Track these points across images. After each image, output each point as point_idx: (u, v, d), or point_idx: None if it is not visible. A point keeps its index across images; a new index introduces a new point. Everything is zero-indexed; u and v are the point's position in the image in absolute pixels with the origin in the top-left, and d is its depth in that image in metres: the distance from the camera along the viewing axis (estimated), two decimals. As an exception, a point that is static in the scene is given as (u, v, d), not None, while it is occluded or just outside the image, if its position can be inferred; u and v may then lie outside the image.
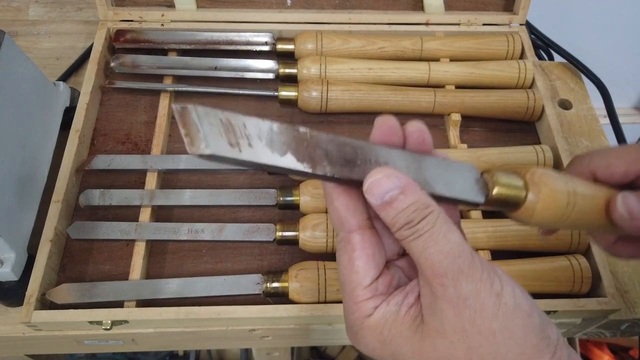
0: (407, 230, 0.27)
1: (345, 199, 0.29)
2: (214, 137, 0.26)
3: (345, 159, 0.30)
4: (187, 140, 0.26)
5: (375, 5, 0.67)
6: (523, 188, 0.32)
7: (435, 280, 0.26)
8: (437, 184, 0.31)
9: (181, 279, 0.49)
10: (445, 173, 0.32)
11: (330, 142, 0.29)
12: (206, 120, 0.26)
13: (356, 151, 0.30)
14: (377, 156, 0.30)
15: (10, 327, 0.50)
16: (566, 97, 0.68)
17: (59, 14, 0.73)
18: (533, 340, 0.26)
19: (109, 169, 0.55)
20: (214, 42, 0.64)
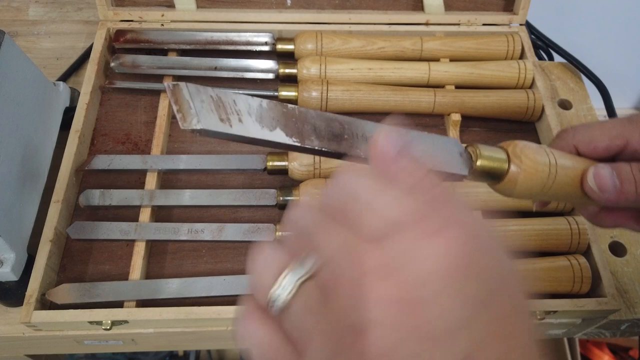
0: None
1: None
2: (206, 113, 0.27)
3: (333, 134, 0.30)
4: (180, 117, 0.27)
5: (375, 5, 0.67)
6: (506, 160, 0.33)
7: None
8: (423, 157, 0.31)
9: (181, 279, 0.49)
10: (430, 147, 0.33)
11: (319, 118, 0.30)
12: (197, 97, 0.27)
13: (343, 126, 0.30)
14: (364, 130, 0.31)
15: (10, 327, 0.50)
16: (566, 97, 0.68)
17: (59, 14, 0.73)
18: None
19: (109, 169, 0.55)
20: (214, 42, 0.64)
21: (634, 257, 0.56)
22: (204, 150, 0.59)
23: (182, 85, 0.27)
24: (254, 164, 0.55)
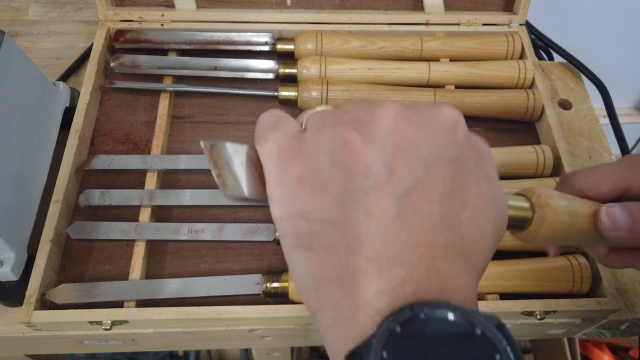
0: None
1: None
2: (247, 177, 0.25)
3: None
4: (220, 182, 0.25)
5: (375, 5, 0.67)
6: (529, 209, 0.33)
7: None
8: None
9: (181, 279, 0.49)
10: None
11: None
12: (237, 158, 0.25)
13: None
14: None
15: (10, 327, 0.50)
16: (566, 97, 0.68)
17: (59, 14, 0.73)
18: None
19: (109, 169, 0.55)
20: (214, 42, 0.64)
21: (634, 257, 0.56)
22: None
23: (219, 145, 0.25)
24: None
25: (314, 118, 0.26)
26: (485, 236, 0.26)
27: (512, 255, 0.52)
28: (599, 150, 0.64)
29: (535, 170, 0.56)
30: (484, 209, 0.25)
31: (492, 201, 0.26)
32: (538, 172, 0.57)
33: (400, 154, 0.24)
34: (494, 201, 0.26)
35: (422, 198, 0.24)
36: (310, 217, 0.24)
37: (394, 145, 0.24)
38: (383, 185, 0.23)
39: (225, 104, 0.63)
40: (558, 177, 0.55)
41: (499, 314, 0.30)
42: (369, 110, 0.25)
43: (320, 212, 0.24)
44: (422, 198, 0.24)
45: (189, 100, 0.63)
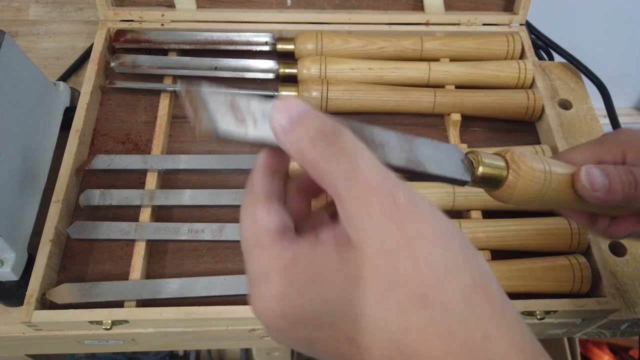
0: (325, 144, 0.24)
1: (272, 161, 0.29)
2: (221, 115, 0.26)
3: None
4: (195, 120, 0.26)
5: (375, 5, 0.67)
6: (505, 167, 0.34)
7: (371, 199, 0.23)
8: (429, 163, 0.32)
9: (181, 279, 0.49)
10: (435, 153, 0.33)
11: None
12: (213, 100, 0.27)
13: (353, 131, 0.29)
14: (372, 135, 0.31)
15: (10, 327, 0.50)
16: (566, 97, 0.68)
17: (59, 14, 0.73)
18: (468, 243, 0.26)
19: (109, 169, 0.55)
20: (214, 42, 0.64)
21: (634, 256, 0.56)
22: (204, 150, 0.59)
23: (196, 89, 0.27)
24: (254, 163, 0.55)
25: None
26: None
27: (512, 255, 0.52)
28: (599, 150, 0.64)
29: (535, 170, 0.56)
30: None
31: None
32: (538, 172, 0.57)
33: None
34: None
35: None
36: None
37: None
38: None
39: (226, 104, 0.63)
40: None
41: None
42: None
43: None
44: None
45: (189, 100, 0.63)
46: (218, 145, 0.60)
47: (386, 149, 0.30)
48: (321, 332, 0.25)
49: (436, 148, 0.33)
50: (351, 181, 0.24)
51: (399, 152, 0.31)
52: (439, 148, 0.33)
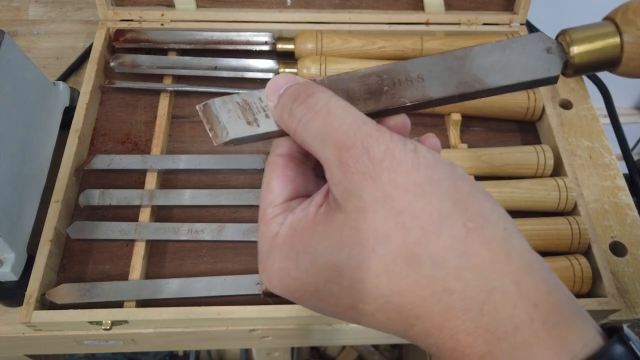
0: (299, 108, 0.24)
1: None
2: (233, 122, 0.27)
3: (370, 91, 0.27)
4: (212, 134, 0.27)
5: (375, 5, 0.67)
6: (615, 33, 0.25)
7: (344, 155, 0.22)
8: (491, 75, 0.27)
9: (181, 279, 0.49)
10: (501, 57, 0.27)
11: (352, 79, 0.27)
12: (224, 109, 0.27)
13: (382, 77, 0.27)
14: (407, 72, 0.27)
15: (10, 327, 0.50)
16: (566, 97, 0.68)
17: (59, 14, 0.73)
18: (465, 187, 0.23)
19: (109, 169, 0.55)
20: (214, 42, 0.64)
21: (634, 257, 0.56)
22: (204, 150, 0.59)
23: (210, 102, 0.27)
24: (254, 164, 0.55)
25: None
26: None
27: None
28: (600, 150, 0.64)
29: (535, 170, 0.56)
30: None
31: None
32: (538, 172, 0.56)
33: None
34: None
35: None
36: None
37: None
38: None
39: (225, 103, 0.63)
40: (558, 177, 0.55)
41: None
42: None
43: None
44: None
45: (188, 100, 0.63)
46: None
47: (427, 80, 0.27)
48: (325, 302, 0.24)
49: (504, 49, 0.27)
50: (325, 141, 0.23)
51: (447, 76, 0.27)
52: (508, 48, 0.27)
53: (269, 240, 0.25)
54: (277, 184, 0.26)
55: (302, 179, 0.26)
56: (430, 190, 0.22)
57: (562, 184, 0.54)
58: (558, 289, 0.22)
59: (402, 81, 0.27)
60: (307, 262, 0.23)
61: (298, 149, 0.26)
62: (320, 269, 0.23)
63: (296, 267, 0.24)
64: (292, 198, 0.26)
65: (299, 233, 0.24)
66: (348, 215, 0.22)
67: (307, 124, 0.24)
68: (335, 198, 0.23)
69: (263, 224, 0.25)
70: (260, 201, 0.26)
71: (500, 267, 0.21)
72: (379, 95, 0.27)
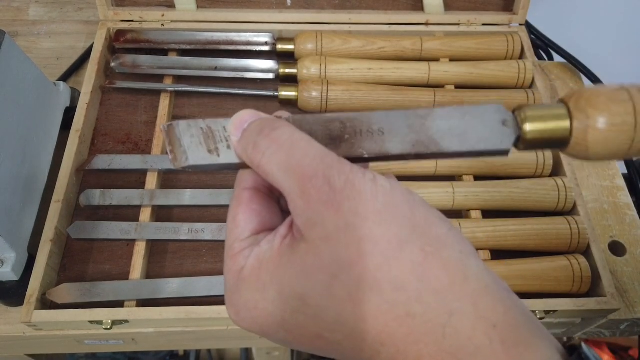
0: (264, 141, 0.24)
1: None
2: (194, 148, 0.27)
3: (331, 137, 0.27)
4: (172, 157, 0.27)
5: (375, 5, 0.67)
6: (566, 117, 0.26)
7: (307, 186, 0.23)
8: (447, 138, 0.27)
9: (181, 279, 0.50)
10: (460, 123, 0.28)
11: (316, 122, 0.27)
12: (188, 133, 0.27)
13: (345, 125, 0.27)
14: (369, 124, 0.27)
15: (10, 327, 0.50)
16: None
17: (59, 14, 0.73)
18: (421, 212, 0.24)
19: (109, 169, 0.55)
20: (214, 42, 0.64)
21: (633, 256, 0.56)
22: (204, 150, 0.59)
23: (174, 124, 0.27)
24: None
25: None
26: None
27: (512, 255, 0.52)
28: (599, 150, 0.64)
29: (535, 170, 0.56)
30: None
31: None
32: (538, 172, 0.57)
33: None
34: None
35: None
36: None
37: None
38: None
39: (226, 104, 0.63)
40: (558, 177, 0.55)
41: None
42: None
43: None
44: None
45: (189, 100, 0.63)
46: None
47: (387, 134, 0.27)
48: (291, 333, 0.24)
49: (464, 116, 0.28)
50: (288, 172, 0.24)
51: (406, 134, 0.27)
52: (468, 114, 0.28)
53: (236, 274, 0.25)
54: (243, 218, 0.26)
55: (267, 212, 0.27)
56: (389, 217, 0.23)
57: (561, 184, 0.54)
58: (516, 307, 0.23)
59: (363, 132, 0.27)
60: (274, 292, 0.24)
61: (263, 182, 0.27)
62: (287, 298, 0.23)
63: (263, 299, 0.24)
64: (258, 232, 0.26)
65: (265, 265, 0.24)
66: (311, 244, 0.23)
67: (271, 157, 0.24)
68: (298, 228, 0.24)
69: (229, 258, 0.25)
70: (226, 236, 0.27)
71: (459, 289, 0.22)
72: (339, 143, 0.27)
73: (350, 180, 0.23)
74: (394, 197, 0.24)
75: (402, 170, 0.55)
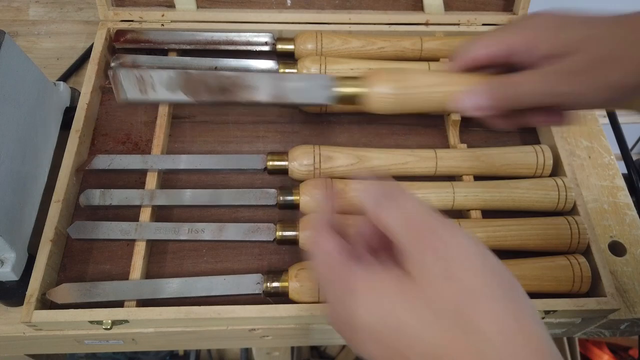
0: (386, 200, 0.31)
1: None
2: (130, 88, 0.43)
3: (221, 88, 0.44)
4: (115, 93, 0.44)
5: (375, 5, 0.67)
6: (361, 85, 0.44)
7: (420, 238, 0.29)
8: (294, 94, 0.44)
9: (181, 279, 0.50)
10: (302, 84, 0.44)
11: (212, 77, 0.44)
12: (127, 78, 0.44)
13: (232, 80, 0.43)
14: (246, 81, 0.43)
15: (10, 327, 0.50)
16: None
17: (59, 14, 0.73)
18: (507, 276, 0.30)
19: (109, 168, 0.55)
20: (214, 42, 0.64)
21: (633, 256, 0.56)
22: (204, 150, 0.59)
23: (117, 71, 0.42)
24: (254, 164, 0.55)
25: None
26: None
27: (512, 255, 0.52)
28: (599, 150, 0.64)
29: (535, 170, 0.56)
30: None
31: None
32: (538, 172, 0.57)
33: None
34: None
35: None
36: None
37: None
38: None
39: (226, 104, 0.63)
40: (558, 177, 0.55)
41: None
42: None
43: None
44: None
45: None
46: (218, 145, 0.60)
47: (255, 90, 0.43)
48: (381, 347, 0.29)
49: (304, 79, 0.45)
50: (404, 227, 0.30)
51: (269, 90, 0.44)
52: (307, 79, 0.45)
53: (346, 279, 0.31)
54: (331, 238, 0.33)
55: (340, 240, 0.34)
56: (490, 275, 0.28)
57: (561, 184, 0.54)
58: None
59: (242, 85, 0.43)
60: (379, 311, 0.29)
61: (336, 224, 0.35)
62: (388, 320, 0.29)
63: (369, 311, 0.29)
64: (344, 250, 0.33)
65: (378, 282, 0.30)
66: (418, 285, 0.28)
67: (390, 212, 0.31)
68: (407, 266, 0.29)
69: (334, 266, 0.32)
70: (315, 253, 0.33)
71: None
72: (226, 92, 0.43)
73: (456, 235, 0.29)
74: (489, 258, 0.29)
75: (403, 170, 0.55)
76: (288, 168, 0.55)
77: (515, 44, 0.40)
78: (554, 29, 0.38)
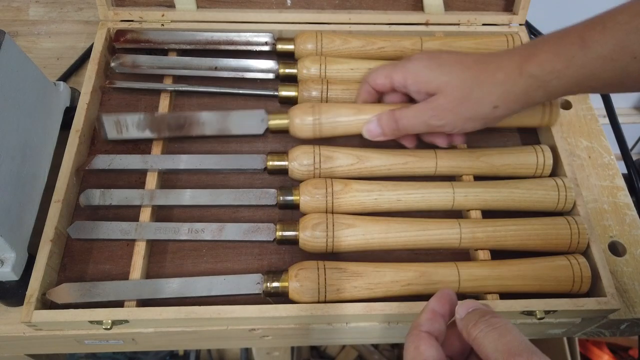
0: (483, 323, 0.34)
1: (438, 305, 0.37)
2: (110, 130, 0.56)
3: (179, 125, 0.56)
4: (100, 133, 0.56)
5: (375, 5, 0.67)
6: (287, 117, 0.55)
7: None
8: (235, 128, 0.56)
9: (181, 279, 0.50)
10: (241, 120, 0.56)
11: (172, 118, 0.56)
12: (107, 121, 0.56)
13: (186, 119, 0.56)
14: (197, 119, 0.56)
15: (10, 327, 0.50)
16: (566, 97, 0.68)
17: (59, 14, 0.73)
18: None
19: (109, 168, 0.55)
20: (214, 42, 0.64)
21: (633, 256, 0.56)
22: (204, 150, 0.59)
23: (101, 117, 0.56)
24: (254, 164, 0.55)
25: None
26: None
27: (512, 255, 0.52)
28: (599, 150, 0.64)
29: (535, 170, 0.56)
30: None
31: None
32: (538, 172, 0.57)
33: None
34: None
35: None
36: None
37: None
38: None
39: (226, 104, 0.63)
40: (558, 177, 0.56)
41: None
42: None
43: None
44: None
45: (189, 100, 0.63)
46: (218, 145, 0.60)
47: (202, 125, 0.56)
48: None
49: (244, 116, 0.57)
50: (498, 347, 0.32)
51: (215, 125, 0.56)
52: (246, 116, 0.56)
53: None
54: (426, 348, 0.35)
55: (437, 349, 0.36)
56: None
57: (561, 184, 0.54)
58: None
59: (194, 123, 0.56)
60: None
61: (436, 330, 0.36)
62: None
63: None
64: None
65: None
66: None
67: (487, 334, 0.33)
68: None
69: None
70: (409, 351, 0.35)
71: None
72: (182, 128, 0.56)
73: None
74: None
75: (403, 170, 0.55)
76: (288, 168, 0.55)
77: (394, 79, 0.51)
78: (426, 71, 0.49)
